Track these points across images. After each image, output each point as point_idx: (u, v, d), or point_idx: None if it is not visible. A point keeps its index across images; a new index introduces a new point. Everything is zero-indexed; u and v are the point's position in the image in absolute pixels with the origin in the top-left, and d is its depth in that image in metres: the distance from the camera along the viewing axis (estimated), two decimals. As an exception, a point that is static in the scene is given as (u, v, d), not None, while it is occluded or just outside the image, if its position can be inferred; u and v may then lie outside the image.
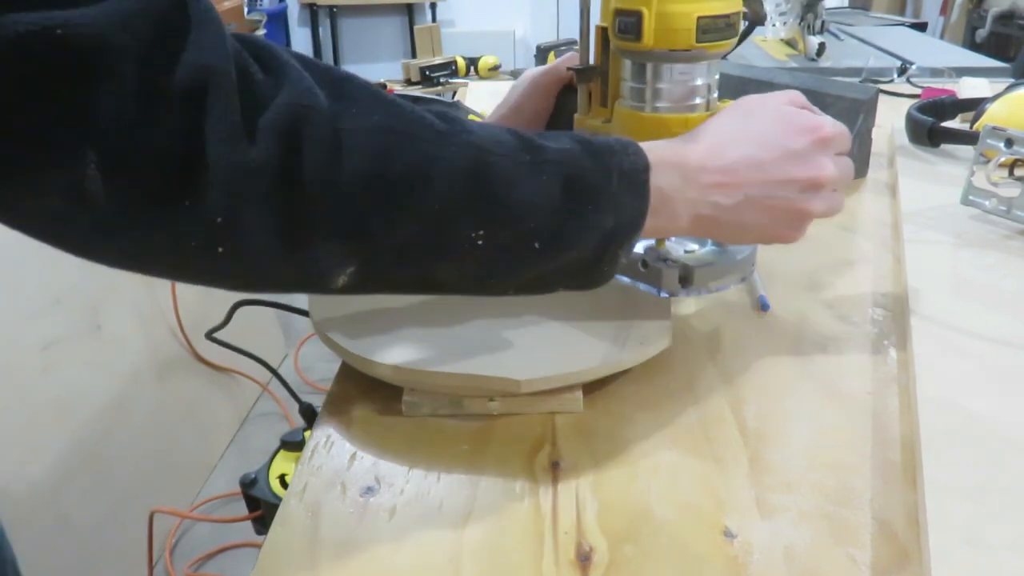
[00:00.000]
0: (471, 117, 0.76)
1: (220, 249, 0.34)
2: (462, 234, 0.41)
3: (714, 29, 0.53)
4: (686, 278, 0.57)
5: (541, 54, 1.41)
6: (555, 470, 0.48)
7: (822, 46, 1.63)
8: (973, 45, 3.53)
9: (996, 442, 0.47)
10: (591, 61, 0.62)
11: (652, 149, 0.48)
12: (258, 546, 0.44)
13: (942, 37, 3.68)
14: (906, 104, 1.09)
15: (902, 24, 2.34)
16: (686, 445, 0.50)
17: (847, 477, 0.47)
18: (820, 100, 1.00)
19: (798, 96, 0.54)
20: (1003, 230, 0.76)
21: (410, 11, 4.66)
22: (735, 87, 1.10)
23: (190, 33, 0.32)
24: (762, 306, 0.67)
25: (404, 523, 0.45)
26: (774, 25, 1.76)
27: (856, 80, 1.44)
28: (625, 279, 0.60)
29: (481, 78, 3.16)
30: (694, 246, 0.61)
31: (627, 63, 0.57)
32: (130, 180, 0.32)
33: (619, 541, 0.43)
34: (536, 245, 0.43)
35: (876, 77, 1.48)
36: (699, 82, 0.56)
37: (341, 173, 0.35)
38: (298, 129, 0.34)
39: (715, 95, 0.58)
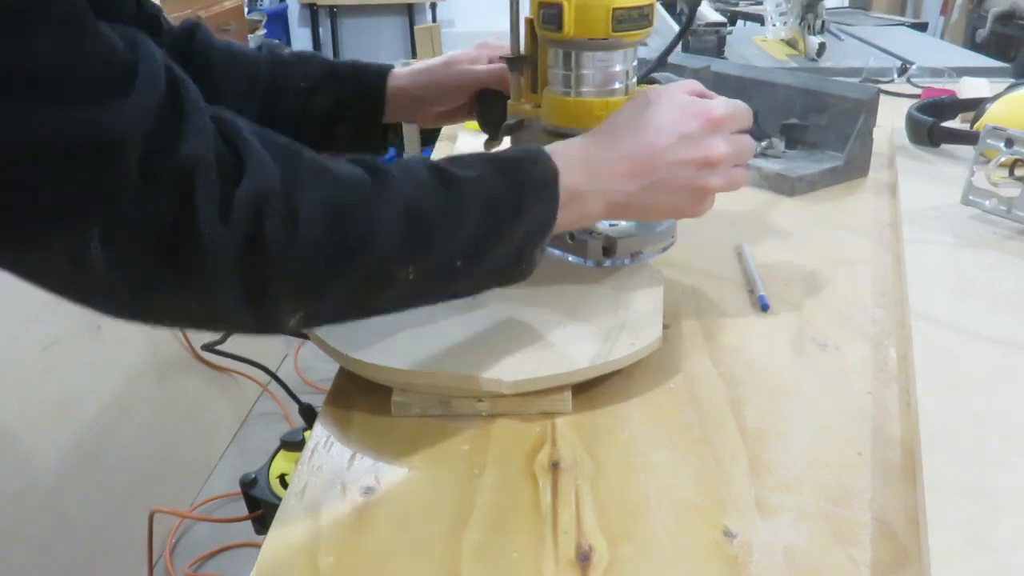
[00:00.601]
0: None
1: (194, 304, 0.40)
2: (398, 273, 0.46)
3: (629, 19, 0.58)
4: (609, 248, 0.63)
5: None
6: (555, 470, 0.48)
7: (822, 46, 1.63)
8: (973, 45, 3.52)
9: (996, 442, 0.47)
10: (521, 51, 0.67)
11: (561, 151, 0.54)
12: (258, 546, 0.44)
13: (942, 37, 3.68)
14: (906, 104, 1.09)
15: (902, 24, 2.34)
16: (686, 445, 0.50)
17: (847, 477, 0.47)
18: (821, 100, 1.00)
19: (696, 85, 0.59)
20: (1003, 230, 0.76)
21: (410, 11, 4.66)
22: (735, 87, 1.10)
23: (184, 123, 0.37)
24: (762, 306, 0.67)
25: (404, 523, 0.45)
26: (774, 25, 1.76)
27: (856, 80, 1.44)
28: (555, 251, 0.65)
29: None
30: (619, 220, 0.67)
31: (552, 52, 0.62)
32: (127, 250, 0.37)
33: (619, 541, 0.43)
34: (458, 264, 0.48)
35: (876, 77, 1.47)
36: (617, 68, 0.61)
37: (296, 243, 0.40)
38: (261, 206, 0.39)
39: (633, 80, 0.64)
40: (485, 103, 0.77)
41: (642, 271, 0.67)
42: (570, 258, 0.64)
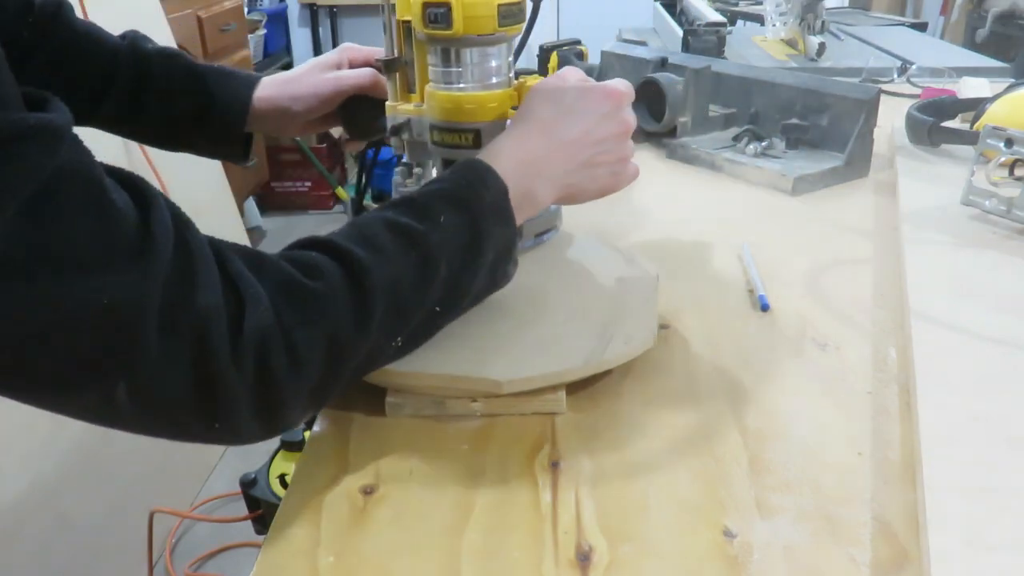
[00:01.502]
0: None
1: (217, 426, 0.43)
2: (387, 349, 0.51)
3: (511, 15, 0.61)
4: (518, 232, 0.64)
5: (544, 54, 1.41)
6: (555, 470, 0.48)
7: (822, 46, 1.63)
8: (973, 45, 3.52)
9: (996, 442, 0.47)
10: (395, 52, 0.69)
11: (505, 155, 0.56)
12: (258, 546, 0.44)
13: (942, 37, 3.67)
14: (906, 104, 1.09)
15: (902, 24, 2.34)
16: (686, 445, 0.50)
17: (847, 477, 0.47)
18: (821, 100, 1.00)
19: (578, 71, 0.63)
20: (1003, 230, 0.76)
21: (410, 11, 4.65)
22: (736, 87, 1.10)
23: (196, 276, 0.40)
24: (762, 306, 0.67)
25: (404, 523, 0.45)
26: (774, 25, 1.76)
27: (856, 80, 1.44)
28: None
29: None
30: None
31: (436, 50, 0.64)
32: (152, 395, 0.40)
33: (619, 541, 0.43)
34: (438, 310, 0.52)
35: (876, 77, 1.47)
36: (499, 62, 0.64)
37: (301, 376, 0.44)
38: (265, 345, 0.42)
39: (512, 73, 0.66)
40: (352, 109, 0.78)
41: (635, 269, 0.67)
42: None
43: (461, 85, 0.64)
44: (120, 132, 0.79)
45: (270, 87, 0.77)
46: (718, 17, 1.74)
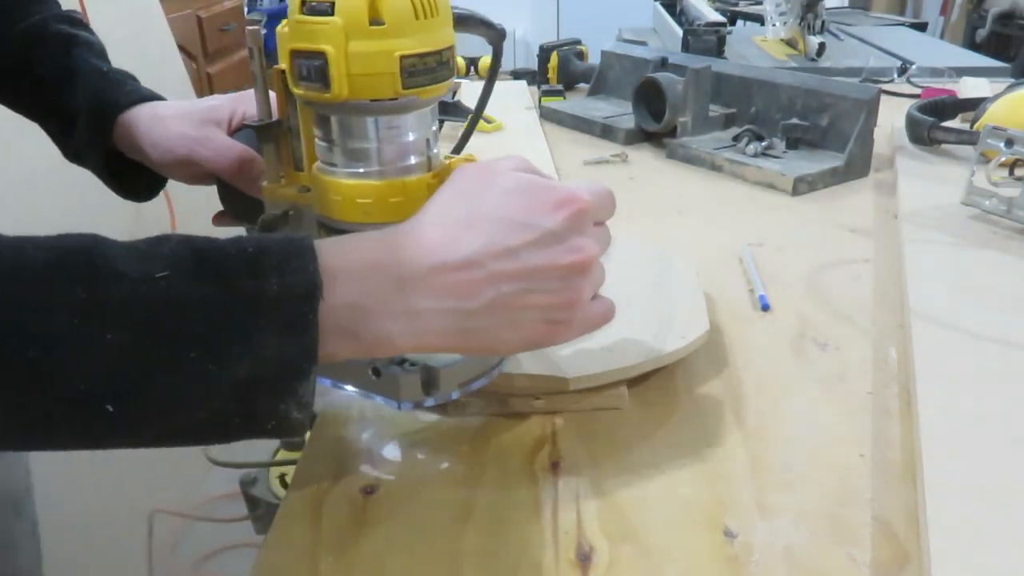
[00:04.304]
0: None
1: None
2: None
3: (424, 71, 0.42)
4: (430, 382, 0.47)
5: (544, 54, 1.41)
6: (555, 470, 0.48)
7: (822, 46, 1.63)
8: (973, 45, 3.52)
9: (996, 442, 0.47)
10: (274, 115, 0.50)
11: (347, 249, 0.39)
12: (258, 546, 0.44)
13: (942, 37, 3.67)
14: (906, 104, 1.09)
15: (902, 24, 2.34)
16: (686, 445, 0.50)
17: (847, 477, 0.47)
18: (821, 100, 1.00)
19: (525, 160, 0.44)
20: (1003, 230, 0.76)
21: (410, 11, 4.65)
22: (736, 87, 1.10)
23: None
24: (762, 306, 0.67)
25: (404, 523, 0.45)
26: (774, 25, 1.76)
27: (856, 80, 1.44)
28: (351, 389, 0.49)
29: (481, 78, 3.16)
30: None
31: (317, 117, 0.46)
32: None
33: (619, 541, 0.43)
34: (108, 408, 0.34)
35: (876, 77, 1.47)
36: (412, 136, 0.45)
37: None
38: None
39: (436, 150, 0.47)
40: (224, 186, 0.62)
41: (674, 264, 0.66)
42: (376, 399, 0.48)
43: (352, 168, 0.45)
44: (17, 111, 0.69)
45: (141, 118, 0.62)
46: (718, 17, 1.74)
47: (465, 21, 0.47)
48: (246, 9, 3.30)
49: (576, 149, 1.11)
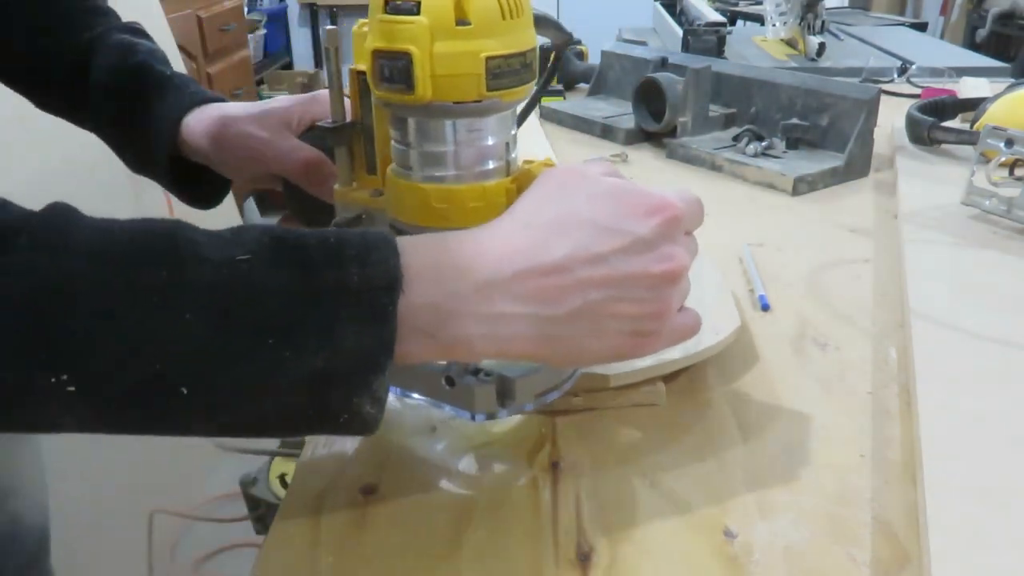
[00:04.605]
0: None
1: None
2: (36, 384, 0.32)
3: (509, 72, 0.41)
4: (505, 393, 0.46)
5: (543, 54, 1.41)
6: (555, 470, 0.48)
7: (822, 46, 1.63)
8: (973, 45, 3.52)
9: (996, 442, 0.47)
10: (347, 117, 0.49)
11: (429, 248, 0.38)
12: (258, 546, 0.44)
13: (942, 37, 3.68)
14: (906, 104, 1.09)
15: (902, 24, 2.34)
16: (686, 445, 0.50)
17: (847, 477, 0.47)
18: (821, 100, 1.00)
19: (611, 165, 0.43)
20: (1003, 230, 0.76)
21: (410, 11, 4.66)
22: (736, 87, 1.10)
23: None
24: (762, 306, 0.67)
25: (404, 523, 0.45)
26: (774, 25, 1.76)
27: (856, 80, 1.44)
28: (418, 397, 0.48)
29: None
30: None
31: (395, 119, 0.45)
32: None
33: (619, 541, 0.43)
34: (183, 391, 0.33)
35: (876, 77, 1.48)
36: (493, 141, 0.45)
37: None
38: None
39: (515, 154, 0.46)
40: (292, 188, 0.61)
41: (700, 261, 0.66)
42: (446, 409, 0.47)
43: (429, 172, 0.44)
44: (77, 124, 0.70)
45: (209, 120, 0.62)
46: (718, 17, 1.74)
47: (539, 22, 0.46)
48: (246, 9, 3.31)
49: (576, 149, 1.11)
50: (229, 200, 2.37)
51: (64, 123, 0.71)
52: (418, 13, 0.40)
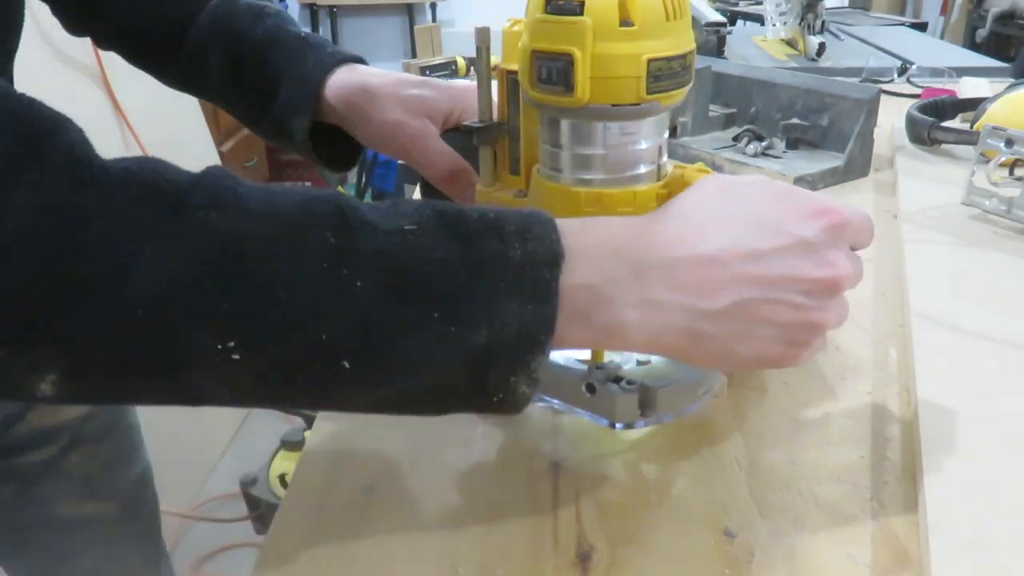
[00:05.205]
0: None
1: None
2: (207, 345, 0.31)
3: (669, 75, 0.41)
4: (647, 402, 0.45)
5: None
6: (555, 470, 0.48)
7: (822, 46, 1.63)
8: (973, 45, 3.53)
9: (996, 442, 0.47)
10: (494, 116, 0.49)
11: (588, 230, 0.38)
12: (258, 546, 0.44)
13: (942, 37, 3.68)
14: (906, 104, 1.09)
15: (902, 24, 2.34)
16: (686, 445, 0.50)
17: (847, 477, 0.47)
18: (821, 100, 1.00)
19: (768, 179, 0.42)
20: (1003, 230, 0.76)
21: (410, 11, 4.66)
22: (736, 87, 1.10)
23: None
24: (762, 306, 0.67)
25: (404, 523, 0.45)
26: (774, 25, 1.76)
27: (856, 80, 1.44)
28: (557, 404, 0.48)
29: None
30: (642, 355, 0.48)
31: (547, 120, 0.45)
32: None
33: (619, 541, 0.43)
34: (345, 364, 0.33)
35: (876, 77, 1.47)
36: (646, 144, 0.44)
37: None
38: None
39: (665, 158, 0.46)
40: (433, 190, 0.61)
41: None
42: (583, 415, 0.47)
43: (580, 175, 0.44)
44: (198, 95, 0.69)
45: (352, 86, 0.60)
46: (718, 17, 1.74)
47: None
48: (246, 9, 3.31)
49: (576, 149, 1.11)
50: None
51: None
52: (581, 13, 0.39)
